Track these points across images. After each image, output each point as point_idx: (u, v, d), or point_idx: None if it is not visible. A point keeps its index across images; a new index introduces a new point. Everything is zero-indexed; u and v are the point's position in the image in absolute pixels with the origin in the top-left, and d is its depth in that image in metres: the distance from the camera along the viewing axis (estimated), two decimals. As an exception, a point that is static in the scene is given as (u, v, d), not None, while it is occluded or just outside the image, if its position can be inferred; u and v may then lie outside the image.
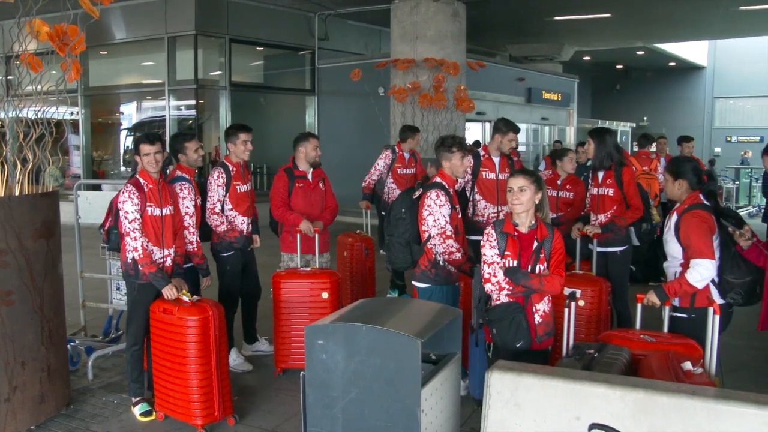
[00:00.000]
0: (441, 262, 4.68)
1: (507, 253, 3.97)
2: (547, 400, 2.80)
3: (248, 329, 6.10)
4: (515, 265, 3.96)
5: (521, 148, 17.85)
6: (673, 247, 4.15)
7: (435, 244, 4.63)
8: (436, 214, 4.60)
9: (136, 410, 4.78)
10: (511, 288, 3.96)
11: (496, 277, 3.99)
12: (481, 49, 20.69)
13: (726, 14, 18.16)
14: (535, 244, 3.97)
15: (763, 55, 28.88)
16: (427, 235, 4.65)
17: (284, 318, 5.43)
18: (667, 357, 3.39)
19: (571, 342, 3.91)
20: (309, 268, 5.63)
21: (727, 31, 22.87)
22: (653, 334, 3.81)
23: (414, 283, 4.84)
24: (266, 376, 5.58)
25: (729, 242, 3.98)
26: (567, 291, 4.10)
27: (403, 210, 4.78)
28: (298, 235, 5.71)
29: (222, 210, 5.60)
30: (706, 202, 4.11)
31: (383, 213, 7.47)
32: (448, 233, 4.60)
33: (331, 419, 3.27)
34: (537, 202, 3.99)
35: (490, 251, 4.01)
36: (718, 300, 3.97)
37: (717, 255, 3.97)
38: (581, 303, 4.81)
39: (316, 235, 5.69)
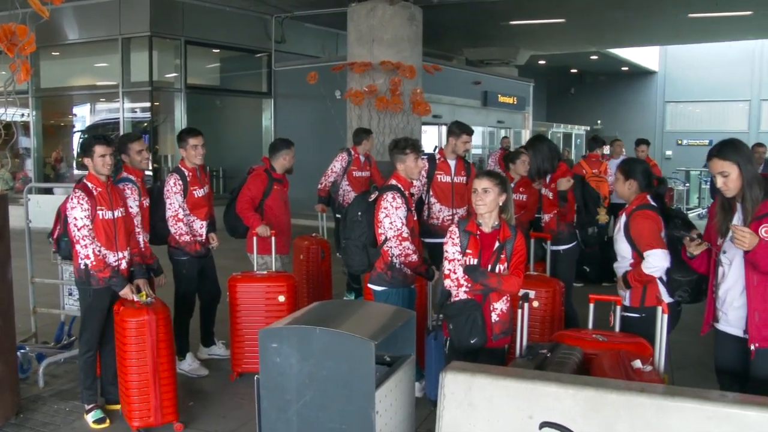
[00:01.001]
0: (397, 265, 4.69)
1: (468, 251, 4.03)
2: (500, 399, 2.82)
3: (205, 332, 6.05)
4: (475, 263, 4.01)
5: (476, 151, 17.93)
6: (622, 247, 4.24)
7: (391, 247, 4.64)
8: (392, 216, 4.60)
9: (89, 417, 4.70)
10: (469, 285, 4.02)
11: (455, 273, 4.05)
12: (438, 53, 20.79)
13: (675, 21, 18.62)
14: (497, 244, 4.03)
15: (711, 61, 29.71)
16: (383, 237, 4.65)
17: (240, 321, 5.40)
18: (618, 356, 3.45)
19: (525, 342, 3.95)
20: (265, 272, 5.61)
21: (676, 37, 23.43)
22: (605, 334, 3.88)
23: (370, 285, 4.85)
24: (222, 381, 5.53)
25: (675, 241, 4.07)
26: (520, 292, 4.16)
27: (359, 213, 4.77)
28: (254, 238, 5.76)
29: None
30: (652, 203, 4.22)
31: (338, 216, 7.49)
32: (405, 235, 4.61)
33: (286, 422, 3.26)
34: (501, 204, 4.05)
35: (452, 248, 4.08)
36: (666, 299, 4.06)
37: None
38: (535, 304, 4.88)
39: (273, 239, 5.69)
